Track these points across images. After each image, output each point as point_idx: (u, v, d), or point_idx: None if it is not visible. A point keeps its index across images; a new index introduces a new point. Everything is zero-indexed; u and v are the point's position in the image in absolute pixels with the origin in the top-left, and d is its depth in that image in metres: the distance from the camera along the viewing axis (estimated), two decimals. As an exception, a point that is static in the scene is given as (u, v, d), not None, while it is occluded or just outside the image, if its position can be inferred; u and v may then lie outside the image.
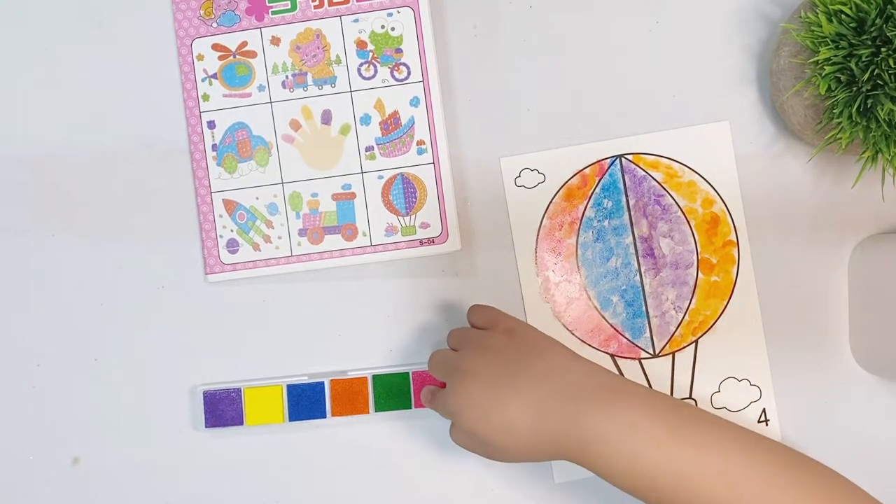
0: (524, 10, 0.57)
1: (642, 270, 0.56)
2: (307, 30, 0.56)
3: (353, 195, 0.56)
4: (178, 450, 0.57)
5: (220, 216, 0.56)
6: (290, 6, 0.55)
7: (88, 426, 0.57)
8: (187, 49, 0.56)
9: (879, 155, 0.49)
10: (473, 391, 0.46)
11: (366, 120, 0.56)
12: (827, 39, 0.48)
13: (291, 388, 0.56)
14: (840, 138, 0.49)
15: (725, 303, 0.57)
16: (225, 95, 0.56)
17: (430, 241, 0.56)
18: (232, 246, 0.56)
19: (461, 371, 0.47)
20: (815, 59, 0.48)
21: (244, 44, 0.56)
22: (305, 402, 0.56)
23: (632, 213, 0.57)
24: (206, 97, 0.56)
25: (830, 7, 0.48)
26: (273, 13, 0.56)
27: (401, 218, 0.56)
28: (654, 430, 0.42)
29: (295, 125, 0.56)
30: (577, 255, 0.57)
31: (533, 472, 0.56)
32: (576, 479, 0.56)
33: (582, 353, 0.56)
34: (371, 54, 0.55)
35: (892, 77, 0.46)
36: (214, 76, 0.56)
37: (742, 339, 0.57)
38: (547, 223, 0.57)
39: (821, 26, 0.48)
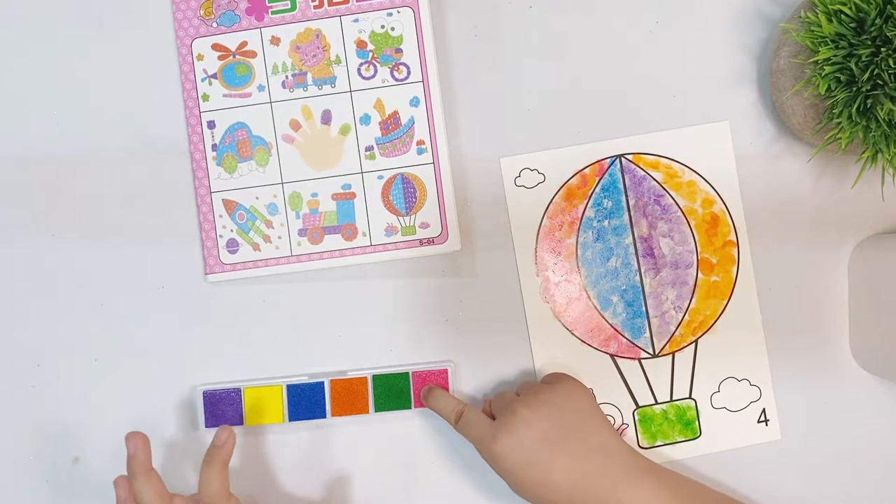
0: (524, 10, 0.57)
1: (642, 270, 0.56)
2: (307, 30, 0.56)
3: (353, 195, 0.56)
4: (178, 450, 0.57)
5: (220, 216, 0.56)
6: (289, 6, 0.55)
7: (88, 426, 0.57)
8: (187, 49, 0.56)
9: (879, 155, 0.49)
10: (524, 439, 0.50)
11: (366, 120, 0.56)
12: (827, 39, 0.48)
13: (291, 388, 0.56)
14: (840, 138, 0.49)
15: (725, 303, 0.57)
16: (225, 95, 0.56)
17: (430, 241, 0.56)
18: (232, 246, 0.56)
19: (518, 416, 0.50)
20: (815, 59, 0.48)
21: (244, 44, 0.56)
22: (305, 402, 0.56)
23: (632, 213, 0.57)
24: (205, 97, 0.56)
25: (830, 7, 0.48)
26: (273, 13, 0.56)
27: (401, 218, 0.56)
28: (677, 500, 0.50)
29: (295, 125, 0.56)
30: (576, 254, 0.57)
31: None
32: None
33: (582, 353, 0.56)
34: (371, 54, 0.55)
35: (892, 77, 0.46)
36: (214, 76, 0.56)
37: (742, 339, 0.57)
38: (547, 223, 0.57)
39: (821, 26, 0.48)
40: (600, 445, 0.51)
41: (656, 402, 0.57)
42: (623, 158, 0.57)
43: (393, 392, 0.56)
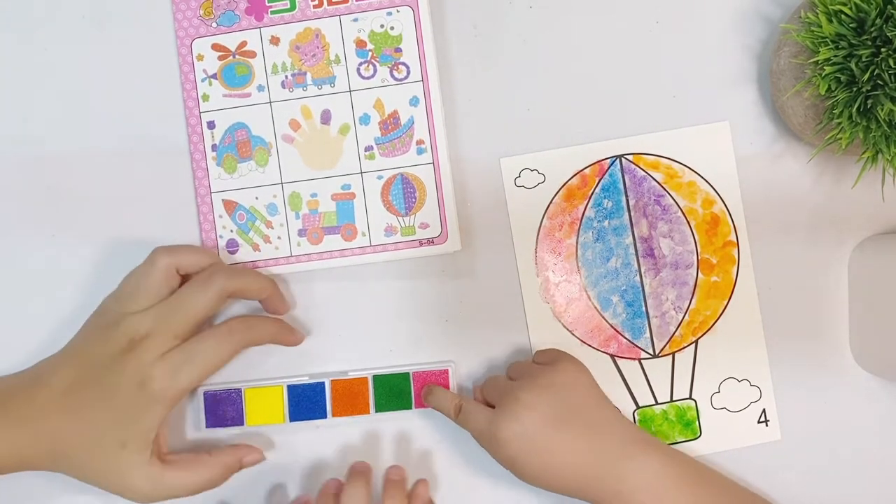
0: (524, 10, 0.57)
1: (642, 271, 0.56)
2: (306, 29, 0.56)
3: (353, 195, 0.56)
4: (178, 450, 0.57)
5: (220, 216, 0.56)
6: (289, 6, 0.55)
7: (88, 426, 0.57)
8: (187, 49, 0.56)
9: (879, 155, 0.49)
10: (528, 425, 0.49)
11: (365, 120, 0.56)
12: (827, 40, 0.48)
13: (292, 389, 0.56)
14: (840, 138, 0.49)
15: (725, 303, 0.57)
16: (224, 95, 0.56)
17: (430, 242, 0.56)
18: (232, 246, 0.56)
19: (521, 402, 0.50)
20: (815, 59, 0.48)
21: (244, 44, 0.56)
22: (306, 402, 0.56)
23: (632, 213, 0.57)
24: (205, 97, 0.56)
25: (830, 7, 0.48)
26: (272, 13, 0.55)
27: (400, 218, 0.56)
28: (679, 470, 0.50)
29: (294, 125, 0.56)
30: (577, 255, 0.57)
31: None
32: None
33: (582, 354, 0.56)
34: (370, 54, 0.55)
35: (893, 77, 0.46)
36: (214, 76, 0.56)
37: (742, 340, 0.57)
38: (547, 223, 0.57)
39: (821, 26, 0.48)
40: (604, 420, 0.51)
41: (656, 403, 0.57)
42: (623, 159, 0.57)
43: (393, 392, 0.56)
